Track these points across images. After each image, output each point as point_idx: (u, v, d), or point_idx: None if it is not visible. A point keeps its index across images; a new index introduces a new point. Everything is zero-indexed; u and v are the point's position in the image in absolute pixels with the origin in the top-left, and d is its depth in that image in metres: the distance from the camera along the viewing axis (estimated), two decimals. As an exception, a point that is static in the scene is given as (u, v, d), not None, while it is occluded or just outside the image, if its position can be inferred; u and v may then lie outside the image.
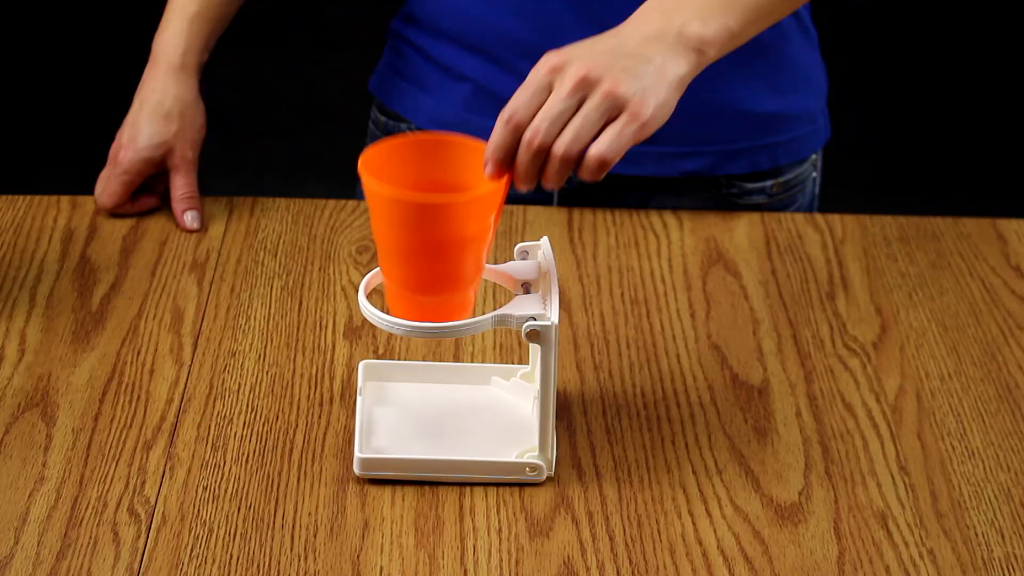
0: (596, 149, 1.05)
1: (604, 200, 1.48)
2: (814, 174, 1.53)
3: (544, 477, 1.12)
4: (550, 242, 1.14)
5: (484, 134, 1.48)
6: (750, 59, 1.39)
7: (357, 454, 1.12)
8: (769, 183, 1.48)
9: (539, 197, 1.49)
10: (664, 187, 1.48)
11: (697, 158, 1.45)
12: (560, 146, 1.05)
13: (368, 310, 1.09)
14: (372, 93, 1.56)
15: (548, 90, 1.06)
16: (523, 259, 1.14)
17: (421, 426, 1.16)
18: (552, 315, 1.09)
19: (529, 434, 1.16)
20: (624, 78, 1.06)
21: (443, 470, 1.12)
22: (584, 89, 1.05)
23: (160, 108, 1.41)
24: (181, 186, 1.40)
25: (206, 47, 1.44)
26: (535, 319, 1.08)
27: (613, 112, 1.06)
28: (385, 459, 1.12)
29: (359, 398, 1.17)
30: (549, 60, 1.07)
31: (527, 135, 1.06)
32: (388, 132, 1.53)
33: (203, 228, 1.40)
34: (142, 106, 1.41)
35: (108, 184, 1.40)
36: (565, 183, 1.50)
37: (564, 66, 1.06)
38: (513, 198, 1.50)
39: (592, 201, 1.47)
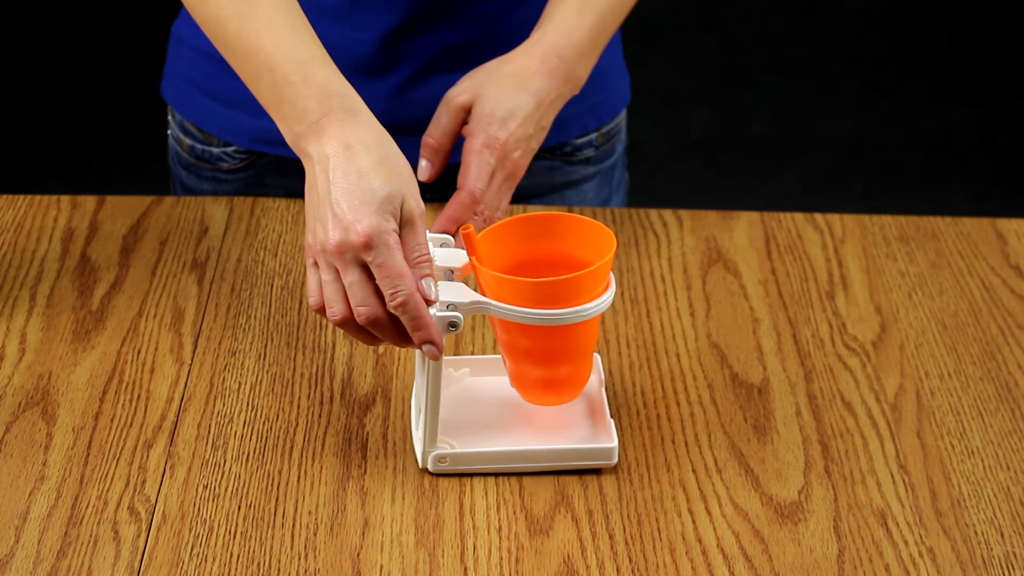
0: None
1: (444, 187, 1.38)
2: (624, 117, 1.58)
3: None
4: None
5: None
6: None
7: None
8: (593, 135, 1.50)
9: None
10: None
11: None
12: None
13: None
14: (171, 105, 1.47)
15: None
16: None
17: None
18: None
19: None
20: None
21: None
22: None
23: (375, 158, 1.12)
24: (413, 247, 1.11)
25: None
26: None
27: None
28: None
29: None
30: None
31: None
32: (199, 157, 1.48)
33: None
34: (360, 172, 1.10)
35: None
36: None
37: None
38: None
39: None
